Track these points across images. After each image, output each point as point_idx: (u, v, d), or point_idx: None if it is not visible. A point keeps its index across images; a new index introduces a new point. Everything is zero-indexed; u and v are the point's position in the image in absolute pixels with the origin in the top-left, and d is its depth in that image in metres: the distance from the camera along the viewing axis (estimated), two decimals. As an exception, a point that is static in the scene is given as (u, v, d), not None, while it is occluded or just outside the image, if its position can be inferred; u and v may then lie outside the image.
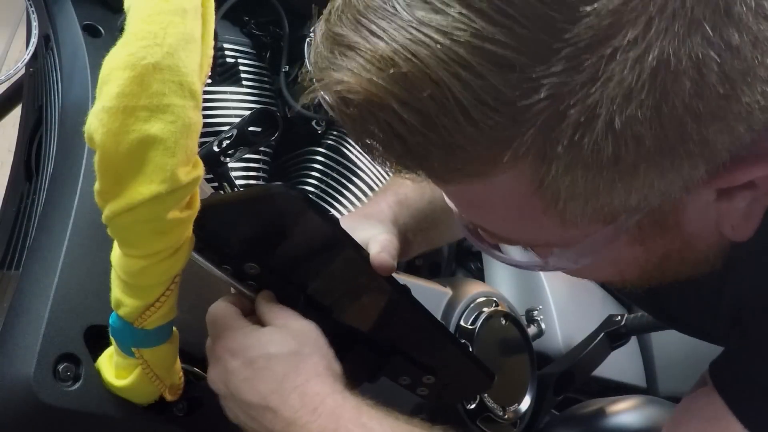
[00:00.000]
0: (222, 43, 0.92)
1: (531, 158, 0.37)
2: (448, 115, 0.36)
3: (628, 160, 0.36)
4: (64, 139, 0.66)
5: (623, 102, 0.34)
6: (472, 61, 0.34)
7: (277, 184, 0.54)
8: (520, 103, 0.35)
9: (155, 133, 0.44)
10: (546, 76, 0.34)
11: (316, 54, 0.40)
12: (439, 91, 0.35)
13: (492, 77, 0.34)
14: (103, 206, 0.47)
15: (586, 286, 1.34)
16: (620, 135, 0.35)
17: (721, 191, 0.41)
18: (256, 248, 0.57)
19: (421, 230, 0.73)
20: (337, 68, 0.38)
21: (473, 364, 0.70)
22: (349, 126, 0.40)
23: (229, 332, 0.56)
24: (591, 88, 0.34)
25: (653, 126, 0.35)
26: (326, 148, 0.96)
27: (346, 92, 0.37)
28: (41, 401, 0.54)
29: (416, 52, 0.35)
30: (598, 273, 0.51)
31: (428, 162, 0.39)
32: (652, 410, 1.02)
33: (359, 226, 0.65)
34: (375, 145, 0.40)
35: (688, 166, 0.38)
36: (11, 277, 0.65)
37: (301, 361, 0.54)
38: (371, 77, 0.36)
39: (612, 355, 1.09)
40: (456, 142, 0.36)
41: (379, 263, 0.60)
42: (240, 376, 0.54)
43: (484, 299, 0.92)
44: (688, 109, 0.35)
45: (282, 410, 0.53)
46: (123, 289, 0.52)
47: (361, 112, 0.38)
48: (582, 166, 0.36)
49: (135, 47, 0.44)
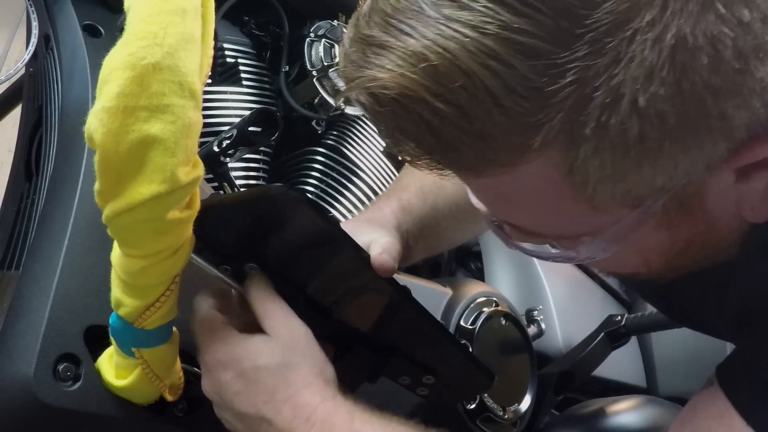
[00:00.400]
0: (222, 43, 0.92)
1: (560, 143, 0.38)
2: (480, 105, 0.37)
3: (653, 138, 0.37)
4: (64, 139, 0.66)
5: (645, 81, 0.36)
6: (500, 51, 0.36)
7: (277, 186, 0.54)
8: (547, 88, 0.36)
9: (155, 133, 0.44)
10: (571, 61, 0.36)
11: (346, 57, 0.42)
12: (470, 81, 0.37)
13: (520, 66, 0.36)
14: (103, 206, 0.47)
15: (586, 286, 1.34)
16: (645, 113, 0.36)
17: (740, 172, 0.43)
18: (256, 249, 0.57)
19: (422, 237, 0.73)
20: (370, 66, 0.39)
21: (473, 365, 0.70)
22: (382, 124, 0.41)
23: (216, 343, 0.56)
24: (614, 69, 0.36)
25: (675, 103, 0.36)
26: (326, 148, 0.96)
27: (380, 89, 0.39)
28: (41, 401, 0.54)
29: (446, 46, 0.37)
30: (625, 263, 0.52)
31: (460, 153, 0.40)
32: (652, 410, 1.02)
33: (362, 229, 0.65)
34: (407, 141, 0.41)
35: (710, 143, 0.39)
36: (11, 277, 0.65)
37: (291, 371, 0.55)
38: (404, 72, 0.38)
39: (612, 355, 1.09)
40: (487, 130, 0.38)
41: (380, 264, 0.60)
42: (233, 389, 0.55)
43: (484, 299, 0.92)
44: (706, 85, 0.36)
45: (276, 421, 0.54)
46: (123, 289, 0.52)
47: (394, 108, 0.39)
48: (609, 147, 0.38)
49: (135, 47, 0.44)
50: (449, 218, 0.76)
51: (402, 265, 0.69)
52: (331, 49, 0.93)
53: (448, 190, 0.76)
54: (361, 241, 0.61)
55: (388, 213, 0.72)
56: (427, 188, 0.75)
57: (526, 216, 0.47)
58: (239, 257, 0.57)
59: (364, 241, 0.62)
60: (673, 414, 1.00)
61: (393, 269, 0.60)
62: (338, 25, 0.95)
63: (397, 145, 0.42)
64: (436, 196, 0.75)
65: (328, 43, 0.93)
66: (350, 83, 0.41)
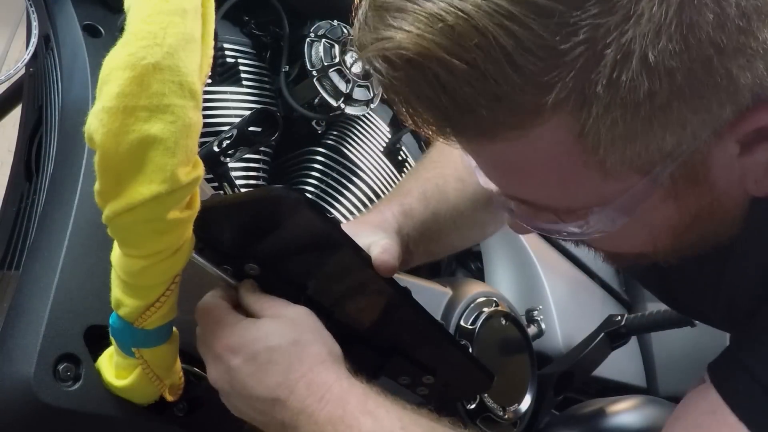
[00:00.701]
0: (222, 43, 0.92)
1: (572, 103, 0.40)
2: (495, 64, 0.38)
3: (662, 95, 0.39)
4: (64, 139, 0.66)
5: (654, 37, 0.37)
6: (514, 11, 0.37)
7: (278, 187, 0.54)
8: (560, 47, 0.38)
9: (155, 133, 0.44)
10: (582, 19, 0.37)
11: (361, 24, 0.43)
12: (485, 40, 0.38)
13: (534, 24, 0.37)
14: (103, 206, 0.47)
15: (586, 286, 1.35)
16: (654, 69, 0.38)
17: (744, 144, 0.44)
18: (256, 249, 0.57)
19: (423, 242, 0.73)
20: (387, 29, 0.40)
21: (473, 365, 0.70)
22: (396, 90, 0.42)
23: (224, 328, 0.56)
24: (624, 26, 0.37)
25: (683, 59, 0.38)
26: (326, 148, 0.96)
27: (396, 49, 0.40)
28: (41, 401, 0.54)
29: (462, 7, 0.38)
30: (633, 240, 0.52)
31: (475, 114, 0.41)
32: (652, 410, 1.02)
33: (362, 232, 0.65)
34: (421, 106, 0.42)
35: (716, 104, 0.40)
36: (11, 277, 0.65)
37: (303, 349, 0.54)
38: (421, 32, 0.39)
39: (612, 355, 1.09)
40: (502, 90, 0.39)
41: (380, 263, 0.60)
42: (244, 372, 0.54)
43: (484, 299, 0.92)
44: (712, 42, 0.38)
45: (290, 400, 0.53)
46: (123, 289, 0.52)
47: (408, 70, 0.40)
48: (620, 106, 0.39)
49: (135, 47, 0.44)
50: (450, 224, 0.76)
51: (402, 268, 0.69)
52: (331, 49, 0.93)
53: (450, 196, 0.76)
54: (362, 242, 0.61)
55: (389, 216, 0.72)
56: (429, 193, 0.75)
57: (538, 187, 0.47)
58: (240, 257, 0.57)
59: (364, 243, 0.62)
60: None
61: (394, 269, 0.61)
62: (338, 25, 0.95)
63: (410, 113, 0.43)
64: (438, 202, 0.75)
65: (328, 43, 0.93)
66: (364, 49, 0.42)
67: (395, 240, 0.67)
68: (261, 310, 0.57)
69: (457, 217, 0.77)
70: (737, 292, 0.55)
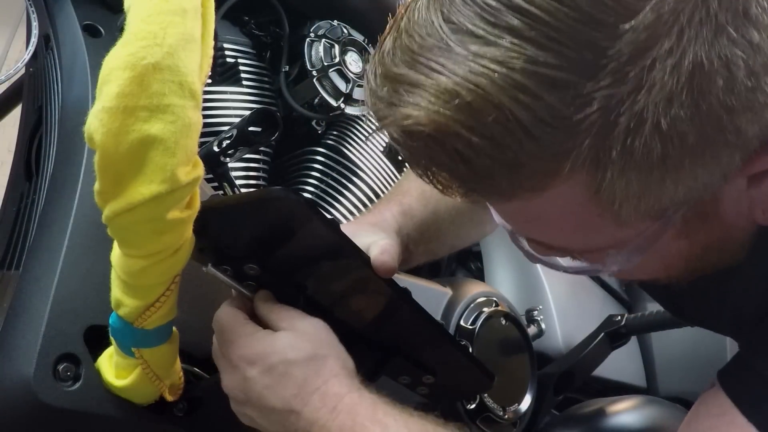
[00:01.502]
0: (222, 43, 0.92)
1: (588, 167, 0.40)
2: (512, 135, 0.39)
3: (675, 156, 0.40)
4: (64, 139, 0.66)
5: (666, 105, 0.38)
6: (528, 84, 0.38)
7: (278, 188, 0.54)
8: (575, 117, 0.38)
9: (155, 133, 0.44)
10: (596, 90, 0.37)
11: (374, 94, 0.43)
12: (501, 115, 0.38)
13: (548, 97, 0.38)
14: (103, 206, 0.47)
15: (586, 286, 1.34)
16: (666, 135, 0.38)
17: (751, 178, 0.45)
18: (256, 250, 0.57)
19: (423, 241, 0.74)
20: (403, 104, 0.41)
21: (473, 365, 0.70)
22: (414, 157, 0.43)
23: (241, 339, 0.57)
24: (637, 96, 0.38)
25: (694, 123, 0.38)
26: (326, 148, 0.96)
27: (414, 125, 0.40)
28: (41, 401, 0.54)
29: (477, 83, 0.38)
30: (646, 270, 0.54)
31: (493, 181, 0.41)
32: (652, 410, 1.02)
33: (361, 232, 0.65)
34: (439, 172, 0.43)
35: (726, 156, 0.41)
36: (11, 277, 0.65)
37: (320, 363, 0.56)
38: (438, 109, 0.39)
39: (612, 355, 1.09)
40: (519, 159, 0.40)
41: (380, 264, 0.60)
42: (260, 384, 0.55)
43: (484, 299, 0.92)
44: (722, 104, 0.38)
45: (304, 412, 0.55)
46: (123, 289, 0.52)
47: (427, 142, 0.41)
48: (635, 168, 0.40)
49: (135, 47, 0.44)
50: (450, 223, 0.77)
51: (402, 268, 0.70)
52: (331, 49, 0.93)
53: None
54: (361, 243, 0.61)
55: (389, 216, 0.72)
56: (428, 193, 0.75)
57: (554, 234, 0.48)
58: (239, 258, 0.57)
59: (363, 244, 0.62)
60: (672, 414, 1.01)
61: (393, 269, 0.61)
62: (338, 25, 0.95)
63: (429, 178, 0.44)
64: (438, 201, 0.75)
65: (328, 43, 0.93)
66: (383, 120, 0.42)
67: (395, 240, 0.67)
68: (277, 320, 0.57)
69: (456, 216, 0.77)
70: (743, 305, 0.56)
